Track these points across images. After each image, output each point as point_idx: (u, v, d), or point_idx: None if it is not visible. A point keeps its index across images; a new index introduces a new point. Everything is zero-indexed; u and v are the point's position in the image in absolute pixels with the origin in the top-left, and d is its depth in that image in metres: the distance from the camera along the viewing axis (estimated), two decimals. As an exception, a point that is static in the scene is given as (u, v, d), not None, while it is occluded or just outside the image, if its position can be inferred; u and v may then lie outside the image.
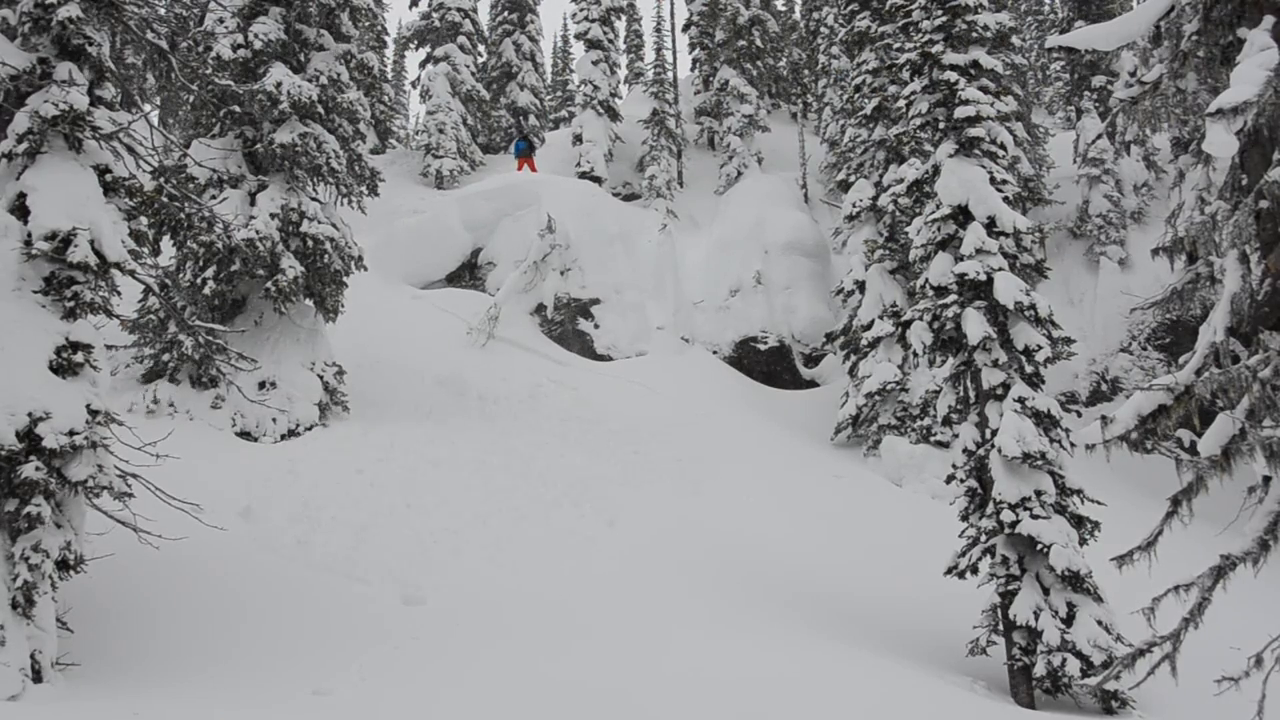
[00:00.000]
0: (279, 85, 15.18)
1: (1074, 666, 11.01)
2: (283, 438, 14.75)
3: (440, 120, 32.24)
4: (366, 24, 20.48)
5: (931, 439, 19.42)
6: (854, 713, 9.20)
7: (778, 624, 11.76)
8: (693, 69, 36.69)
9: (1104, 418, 7.62)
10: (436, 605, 10.96)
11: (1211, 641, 7.99)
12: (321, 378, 15.60)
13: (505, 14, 37.49)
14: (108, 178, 9.33)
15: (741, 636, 10.90)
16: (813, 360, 24.31)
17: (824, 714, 9.06)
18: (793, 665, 10.12)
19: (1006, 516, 11.52)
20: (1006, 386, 12.16)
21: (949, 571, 12.40)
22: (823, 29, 31.14)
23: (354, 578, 11.28)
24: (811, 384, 23.85)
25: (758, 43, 32.77)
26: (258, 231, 14.83)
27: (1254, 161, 7.41)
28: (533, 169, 29.91)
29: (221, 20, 15.80)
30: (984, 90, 13.12)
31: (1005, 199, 12.78)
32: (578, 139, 31.37)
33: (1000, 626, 11.95)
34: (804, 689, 9.52)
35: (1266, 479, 7.14)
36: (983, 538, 12.02)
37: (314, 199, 16.00)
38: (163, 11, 23.53)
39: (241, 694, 8.58)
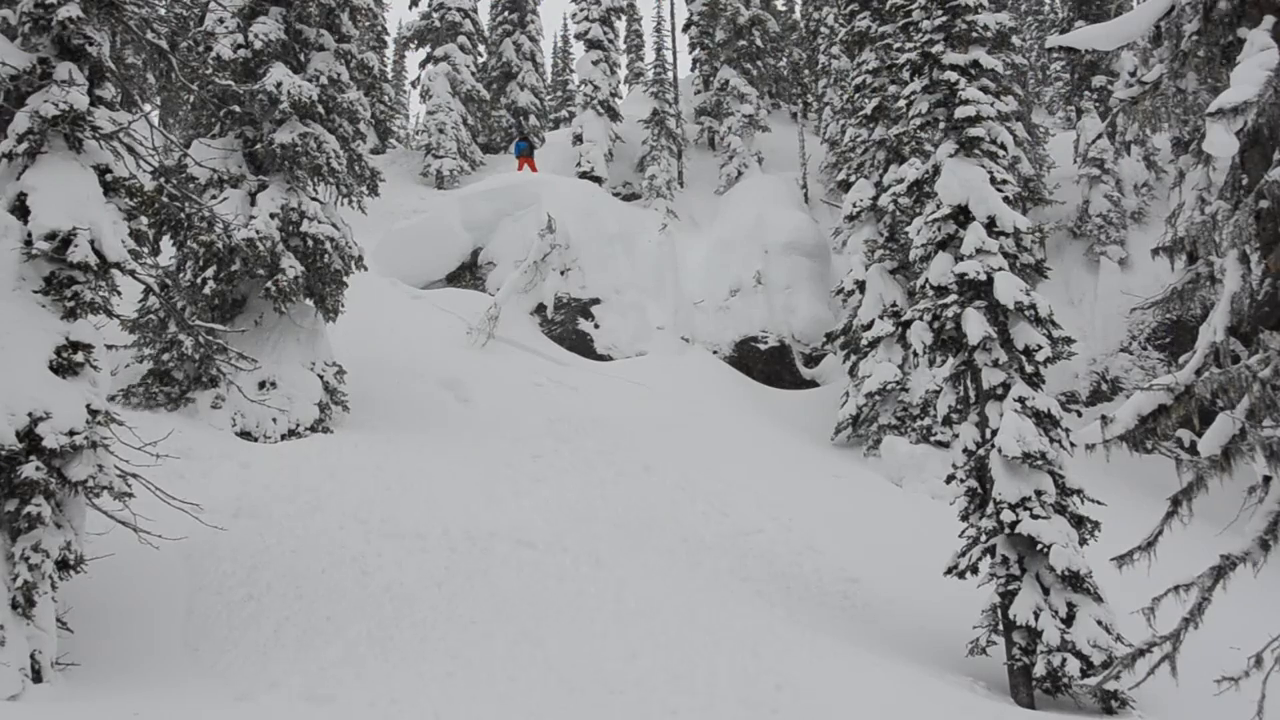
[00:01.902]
0: (279, 85, 15.18)
1: (1074, 666, 11.01)
2: (283, 437, 14.74)
3: (440, 120, 32.28)
4: (366, 24, 20.49)
5: (931, 439, 19.43)
6: (853, 712, 9.21)
7: (779, 622, 11.75)
8: (693, 69, 36.71)
9: (1104, 418, 7.62)
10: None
11: (1211, 641, 8.00)
12: (322, 377, 15.59)
13: (505, 14, 37.53)
14: (108, 178, 9.33)
15: (743, 635, 10.89)
16: (813, 360, 24.32)
17: (823, 713, 9.07)
18: (793, 664, 10.12)
19: (1006, 516, 11.53)
20: (1006, 386, 12.17)
21: (949, 571, 12.40)
22: (823, 29, 31.15)
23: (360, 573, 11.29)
24: (811, 384, 23.86)
25: (758, 43, 32.79)
26: (258, 231, 14.83)
27: (1254, 161, 7.41)
28: (533, 169, 29.93)
29: (221, 20, 15.79)
30: (984, 90, 13.13)
31: (1005, 199, 12.79)
32: (578, 139, 31.40)
33: (1000, 626, 11.95)
34: (803, 688, 9.52)
35: (1266, 479, 7.14)
36: (983, 538, 12.03)
37: (314, 199, 15.99)
38: (163, 11, 23.54)
39: (241, 694, 8.58)
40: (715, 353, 24.03)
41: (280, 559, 11.18)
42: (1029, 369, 12.19)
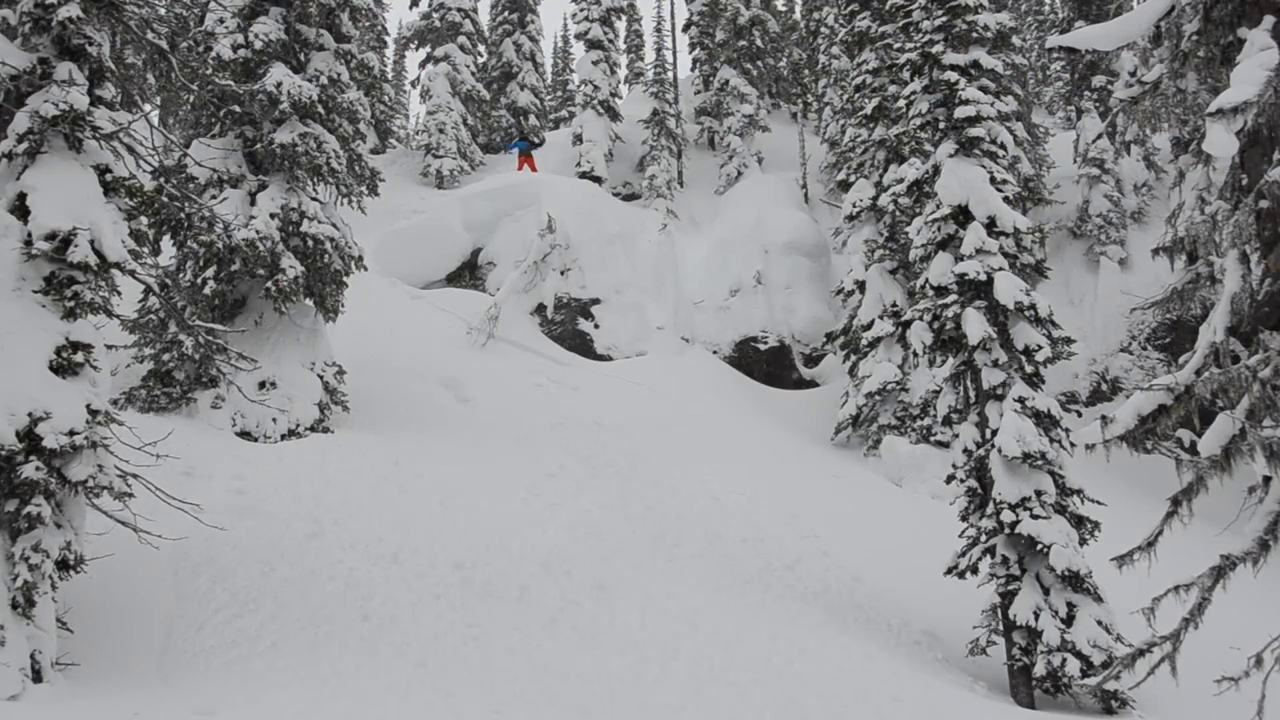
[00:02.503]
0: (279, 85, 15.18)
1: (1074, 666, 11.01)
2: (283, 437, 14.73)
3: (440, 120, 32.27)
4: (366, 24, 20.50)
5: (931, 439, 19.43)
6: (857, 711, 9.20)
7: (779, 622, 11.75)
8: (693, 69, 36.70)
9: (1104, 418, 7.62)
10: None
11: (1211, 641, 7.99)
12: (321, 377, 15.59)
13: (505, 14, 37.52)
14: (108, 178, 9.34)
15: (745, 635, 10.89)
16: (813, 360, 24.32)
17: (825, 711, 9.07)
18: (795, 661, 10.12)
19: (1006, 516, 11.52)
20: (1006, 386, 12.17)
21: (949, 571, 12.40)
22: (823, 29, 31.15)
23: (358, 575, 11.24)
24: (811, 384, 23.86)
25: (758, 43, 32.77)
26: (258, 231, 14.83)
27: (1254, 161, 7.40)
28: (533, 169, 29.93)
29: (221, 20, 15.79)
30: (984, 90, 13.13)
31: (1005, 199, 12.79)
32: (578, 139, 31.39)
33: (1000, 626, 11.95)
34: (804, 685, 9.52)
35: (1266, 479, 7.13)
36: (983, 538, 12.02)
37: (314, 199, 15.99)
38: (163, 11, 23.52)
39: (241, 694, 8.58)
40: (715, 353, 24.03)
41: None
42: (1029, 369, 12.19)
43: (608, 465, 16.41)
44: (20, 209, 8.89)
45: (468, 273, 25.02)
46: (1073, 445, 11.53)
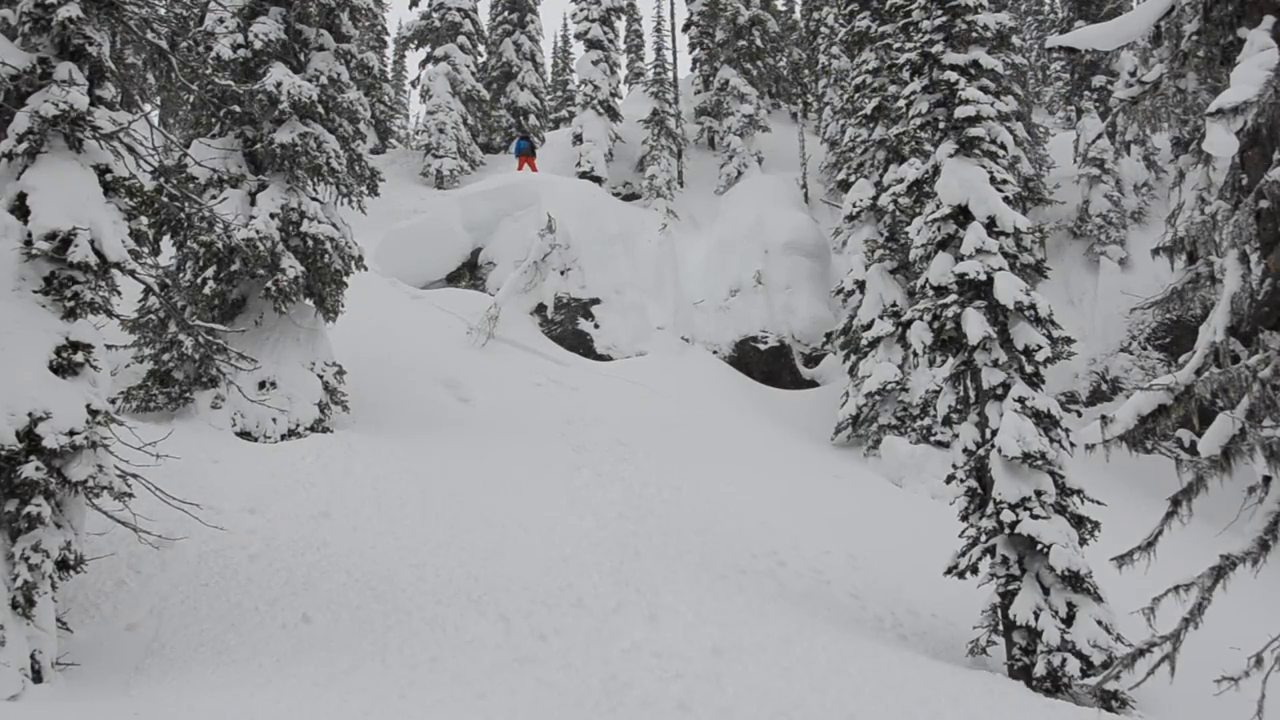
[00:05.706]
0: (279, 85, 15.19)
1: (1074, 666, 11.01)
2: (283, 437, 14.74)
3: (440, 120, 32.30)
4: (366, 24, 20.49)
5: (931, 439, 19.42)
6: (869, 710, 9.20)
7: (777, 622, 11.74)
8: (693, 69, 36.72)
9: (1104, 418, 7.61)
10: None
11: (1211, 641, 7.99)
12: (321, 377, 15.60)
13: (505, 14, 37.56)
14: (108, 178, 9.35)
15: (746, 635, 10.89)
16: (813, 360, 24.32)
17: (833, 711, 9.07)
18: (797, 658, 10.11)
19: (1006, 516, 11.51)
20: (1006, 386, 12.16)
21: (949, 571, 12.39)
22: (823, 29, 31.17)
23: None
24: (811, 384, 23.86)
25: (758, 43, 32.79)
26: (258, 231, 14.83)
27: (1254, 161, 7.40)
28: (533, 169, 29.94)
29: (221, 20, 15.80)
30: (984, 90, 13.12)
31: (1005, 199, 12.78)
32: (578, 139, 31.41)
33: (1000, 626, 11.95)
34: (809, 685, 9.53)
35: (1266, 479, 7.13)
36: (983, 538, 12.02)
37: (314, 199, 16.00)
38: (163, 11, 23.52)
39: (241, 695, 8.58)
40: (715, 353, 24.03)
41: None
42: (1029, 369, 12.18)
43: (609, 466, 16.39)
44: (20, 209, 8.90)
45: (468, 273, 25.05)
46: (1073, 445, 11.52)
